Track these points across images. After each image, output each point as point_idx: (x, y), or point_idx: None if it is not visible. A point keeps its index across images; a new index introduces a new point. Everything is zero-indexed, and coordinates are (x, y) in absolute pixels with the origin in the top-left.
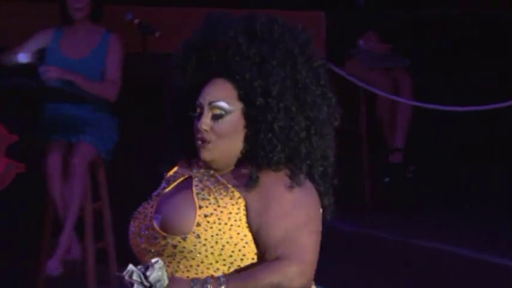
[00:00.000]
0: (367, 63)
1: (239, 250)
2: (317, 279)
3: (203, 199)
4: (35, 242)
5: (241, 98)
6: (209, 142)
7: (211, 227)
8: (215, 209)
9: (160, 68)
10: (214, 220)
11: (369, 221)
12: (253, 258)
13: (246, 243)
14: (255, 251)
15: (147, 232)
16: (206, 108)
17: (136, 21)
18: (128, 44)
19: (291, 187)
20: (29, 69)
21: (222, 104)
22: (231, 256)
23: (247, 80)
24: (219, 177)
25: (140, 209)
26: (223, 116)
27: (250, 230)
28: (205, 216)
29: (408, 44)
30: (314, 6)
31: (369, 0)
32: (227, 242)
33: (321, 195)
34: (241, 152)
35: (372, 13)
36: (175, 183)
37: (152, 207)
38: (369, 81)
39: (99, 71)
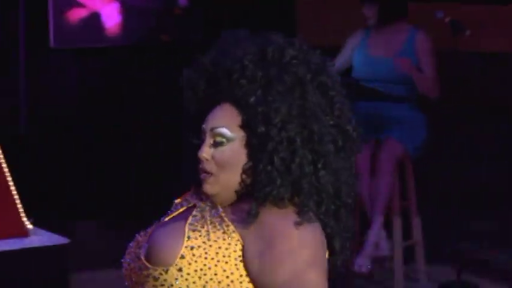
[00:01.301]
0: None
1: None
2: None
3: (194, 230)
4: None
5: (244, 125)
6: (211, 174)
7: (195, 261)
8: (204, 242)
9: (470, 66)
10: (201, 254)
11: None
12: None
13: (232, 281)
14: None
15: (135, 262)
16: (208, 134)
17: (447, 19)
18: (438, 42)
19: (298, 223)
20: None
21: (224, 130)
22: None
23: (250, 105)
24: (220, 209)
25: (138, 236)
26: (223, 143)
27: (247, 270)
28: (192, 248)
29: None
30: None
31: None
32: (211, 279)
33: (331, 237)
34: (241, 185)
35: None
36: (180, 211)
37: (146, 235)
38: None
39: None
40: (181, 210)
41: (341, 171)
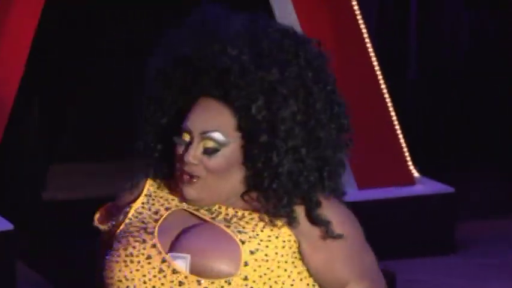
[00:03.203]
0: None
1: None
2: None
3: (240, 232)
4: None
5: (241, 129)
6: (198, 178)
7: (259, 266)
8: (259, 244)
9: None
10: (262, 257)
11: None
12: None
13: (293, 280)
14: None
15: (160, 278)
16: (197, 137)
17: None
18: None
19: (343, 209)
20: None
21: (217, 135)
22: None
23: (252, 111)
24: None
25: (129, 251)
26: (217, 149)
27: (308, 265)
28: (251, 253)
29: None
30: None
31: None
32: (275, 282)
33: None
34: (232, 189)
35: None
36: (166, 215)
37: (154, 246)
38: None
39: None
40: (166, 214)
41: (340, 170)
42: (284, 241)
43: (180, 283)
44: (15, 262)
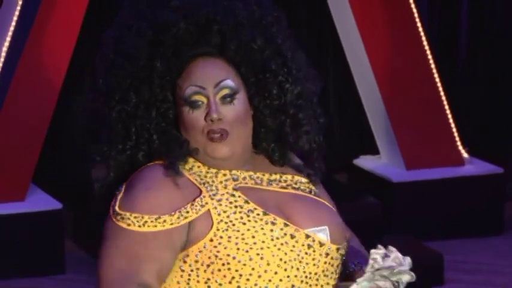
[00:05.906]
0: None
1: None
2: None
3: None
4: None
5: (241, 75)
6: (226, 134)
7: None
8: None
9: None
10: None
11: None
12: None
13: None
14: None
15: (310, 254)
16: (212, 92)
17: None
18: None
19: None
20: None
21: (230, 82)
22: None
23: (254, 46)
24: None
25: (269, 234)
26: (233, 96)
27: None
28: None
29: None
30: None
31: None
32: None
33: None
34: (248, 138)
35: None
36: (241, 194)
37: (286, 225)
38: None
39: None
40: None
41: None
42: None
43: (326, 254)
44: (64, 240)
